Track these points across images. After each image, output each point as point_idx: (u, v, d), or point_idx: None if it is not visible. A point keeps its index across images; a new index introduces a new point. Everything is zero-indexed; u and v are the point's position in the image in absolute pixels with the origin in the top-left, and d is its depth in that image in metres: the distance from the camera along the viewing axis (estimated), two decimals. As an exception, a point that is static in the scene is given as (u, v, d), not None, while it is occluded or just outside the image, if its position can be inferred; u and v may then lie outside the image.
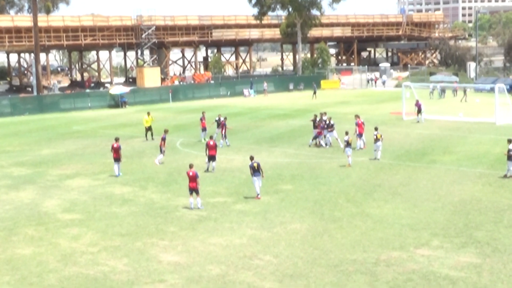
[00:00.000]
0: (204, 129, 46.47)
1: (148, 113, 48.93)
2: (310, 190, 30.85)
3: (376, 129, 38.31)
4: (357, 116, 42.57)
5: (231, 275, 19.93)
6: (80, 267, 21.10)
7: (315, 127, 43.18)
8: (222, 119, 45.22)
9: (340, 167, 35.91)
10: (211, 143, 35.59)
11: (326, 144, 42.72)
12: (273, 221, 25.71)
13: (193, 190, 27.94)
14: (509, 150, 31.81)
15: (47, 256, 22.31)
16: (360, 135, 41.48)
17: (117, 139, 36.21)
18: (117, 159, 35.63)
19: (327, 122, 42.99)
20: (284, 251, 21.99)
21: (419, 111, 53.68)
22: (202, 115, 47.19)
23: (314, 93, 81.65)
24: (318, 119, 43.44)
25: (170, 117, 63.61)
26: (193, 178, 27.81)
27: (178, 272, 20.39)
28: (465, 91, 73.02)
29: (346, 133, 36.93)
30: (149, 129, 48.02)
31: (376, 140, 37.80)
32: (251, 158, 29.82)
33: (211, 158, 35.65)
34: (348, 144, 36.24)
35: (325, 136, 42.78)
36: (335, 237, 23.46)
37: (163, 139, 38.49)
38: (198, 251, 22.40)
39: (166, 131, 39.56)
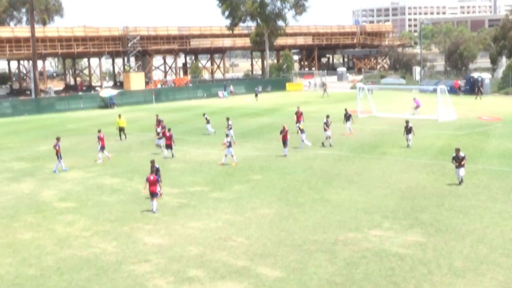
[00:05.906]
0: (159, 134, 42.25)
1: (120, 115, 47.50)
2: (277, 179, 30.88)
3: (407, 122, 39.23)
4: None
5: (208, 255, 19.91)
6: (75, 250, 20.97)
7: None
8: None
9: (304, 159, 35.99)
10: (167, 134, 37.60)
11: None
12: (244, 207, 25.73)
13: (152, 194, 25.37)
14: (453, 157, 28.65)
15: (45, 240, 22.13)
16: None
17: (58, 138, 35.18)
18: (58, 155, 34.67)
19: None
20: (254, 233, 22.02)
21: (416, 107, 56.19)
22: (157, 118, 46.74)
23: (256, 95, 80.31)
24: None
25: (154, 117, 62.96)
26: (153, 183, 25.32)
27: (161, 252, 20.33)
28: (325, 90, 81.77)
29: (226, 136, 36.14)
30: (122, 129, 46.43)
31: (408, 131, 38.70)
32: (152, 162, 26.99)
33: (168, 146, 37.53)
34: (230, 145, 34.76)
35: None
36: (299, 220, 23.54)
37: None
38: (179, 234, 22.34)
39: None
